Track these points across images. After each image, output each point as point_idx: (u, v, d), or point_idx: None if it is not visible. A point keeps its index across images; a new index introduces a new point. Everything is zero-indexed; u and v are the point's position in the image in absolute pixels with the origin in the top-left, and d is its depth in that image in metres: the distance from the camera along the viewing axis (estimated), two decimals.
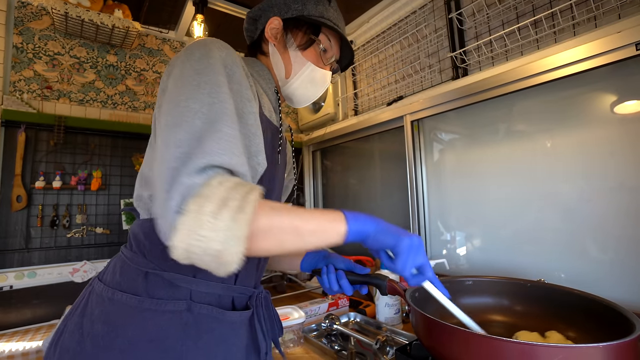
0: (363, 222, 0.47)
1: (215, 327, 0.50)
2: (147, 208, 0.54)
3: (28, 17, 1.40)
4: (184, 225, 0.36)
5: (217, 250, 0.36)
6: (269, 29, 0.64)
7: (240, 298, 0.56)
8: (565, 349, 0.42)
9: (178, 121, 0.42)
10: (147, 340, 0.46)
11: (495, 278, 0.74)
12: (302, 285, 1.53)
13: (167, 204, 0.37)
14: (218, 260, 0.37)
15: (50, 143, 1.37)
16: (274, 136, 0.60)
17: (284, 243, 0.43)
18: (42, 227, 1.34)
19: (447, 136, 1.32)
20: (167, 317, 0.48)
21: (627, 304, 0.80)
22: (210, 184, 0.38)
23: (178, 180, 0.38)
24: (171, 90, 0.46)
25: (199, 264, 0.38)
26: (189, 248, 0.36)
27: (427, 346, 0.57)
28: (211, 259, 0.37)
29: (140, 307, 0.47)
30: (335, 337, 1.01)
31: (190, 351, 0.48)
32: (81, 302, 0.52)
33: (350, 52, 0.72)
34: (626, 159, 0.86)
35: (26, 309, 1.28)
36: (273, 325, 0.61)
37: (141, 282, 0.49)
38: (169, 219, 0.37)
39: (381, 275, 0.65)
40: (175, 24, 1.67)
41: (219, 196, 0.37)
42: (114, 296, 0.49)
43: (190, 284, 0.50)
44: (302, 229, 0.43)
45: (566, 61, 0.89)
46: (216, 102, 0.43)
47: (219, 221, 0.36)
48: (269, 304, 0.62)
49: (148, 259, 0.51)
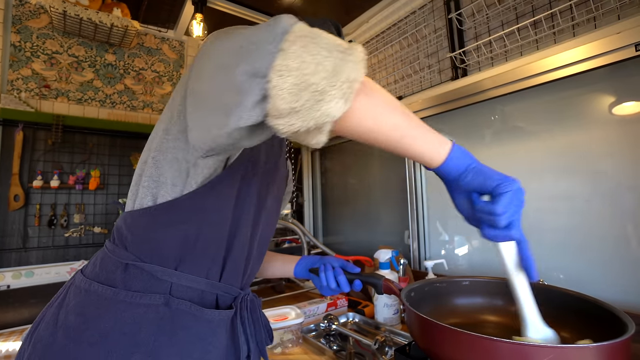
0: (467, 153, 0.43)
1: (192, 325, 0.49)
2: (132, 198, 0.52)
3: (26, 16, 1.39)
4: (294, 45, 0.31)
5: (330, 71, 0.31)
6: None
7: (225, 297, 0.55)
8: (556, 349, 0.42)
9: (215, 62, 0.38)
10: (119, 332, 0.45)
11: (492, 278, 0.74)
12: (300, 286, 1.53)
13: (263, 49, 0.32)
14: (318, 99, 0.31)
15: (48, 142, 1.37)
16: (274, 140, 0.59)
17: (386, 122, 0.37)
18: (39, 226, 1.34)
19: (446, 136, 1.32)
20: (142, 310, 0.47)
21: (628, 305, 0.80)
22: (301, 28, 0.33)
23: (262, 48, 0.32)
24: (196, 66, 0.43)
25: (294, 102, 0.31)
26: (299, 67, 0.30)
27: (421, 346, 0.57)
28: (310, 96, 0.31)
29: (115, 298, 0.47)
30: (333, 338, 1.01)
31: (163, 347, 0.47)
32: (61, 294, 0.51)
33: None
34: (624, 160, 0.86)
35: (24, 309, 1.28)
36: (260, 330, 0.59)
37: (120, 273, 0.49)
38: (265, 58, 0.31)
39: (377, 275, 0.65)
40: (174, 23, 1.67)
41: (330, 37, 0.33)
42: (90, 287, 0.48)
43: (171, 276, 0.49)
44: (408, 119, 0.38)
45: (566, 62, 0.89)
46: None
47: (334, 52, 0.31)
48: (255, 308, 0.60)
49: (129, 251, 0.50)
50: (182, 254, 0.50)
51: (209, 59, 0.41)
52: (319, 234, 1.99)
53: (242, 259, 0.58)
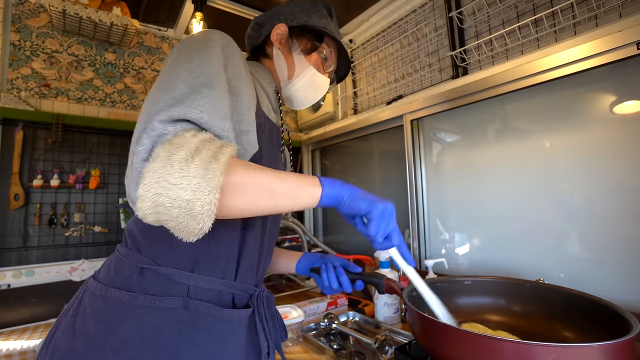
0: (339, 187, 0.48)
1: (212, 326, 0.49)
2: None
3: (25, 15, 1.39)
4: (153, 172, 0.34)
5: (187, 200, 0.34)
6: (275, 33, 0.66)
7: (241, 296, 0.55)
8: (560, 348, 0.42)
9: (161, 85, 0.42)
10: (140, 338, 0.45)
11: (493, 278, 0.74)
12: (301, 285, 1.53)
13: (135, 152, 0.37)
14: (188, 212, 0.35)
15: (48, 141, 1.37)
16: (272, 133, 0.60)
17: (257, 202, 0.42)
18: (40, 225, 1.34)
19: (447, 135, 1.32)
20: (161, 314, 0.46)
21: (627, 304, 0.80)
22: (183, 135, 0.37)
23: (149, 127, 0.37)
24: (165, 67, 0.47)
25: (167, 221, 0.36)
26: (157, 199, 0.34)
27: (423, 345, 0.57)
28: (180, 212, 0.35)
29: (134, 303, 0.46)
30: (334, 336, 1.01)
31: (185, 350, 0.47)
32: (75, 301, 0.51)
33: (347, 64, 0.77)
34: (626, 159, 0.86)
35: (24, 308, 1.28)
36: (275, 327, 0.60)
37: (136, 278, 0.48)
38: (136, 167, 0.36)
39: (378, 274, 0.65)
40: (174, 21, 1.66)
41: (192, 146, 0.36)
42: (107, 293, 0.47)
43: (188, 279, 0.49)
44: (276, 189, 0.43)
45: (567, 60, 0.88)
46: (205, 71, 0.44)
47: (191, 168, 0.35)
48: (271, 305, 0.61)
49: (143, 255, 0.50)
50: (197, 256, 0.50)
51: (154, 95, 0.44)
52: (319, 233, 1.99)
53: (255, 256, 0.58)
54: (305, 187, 0.45)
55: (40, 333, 1.16)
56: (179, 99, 0.40)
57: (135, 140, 0.39)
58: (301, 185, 0.45)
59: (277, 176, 0.43)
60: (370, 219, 0.48)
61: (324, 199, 0.46)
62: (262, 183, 0.42)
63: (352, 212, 0.48)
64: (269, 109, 0.62)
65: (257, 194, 0.42)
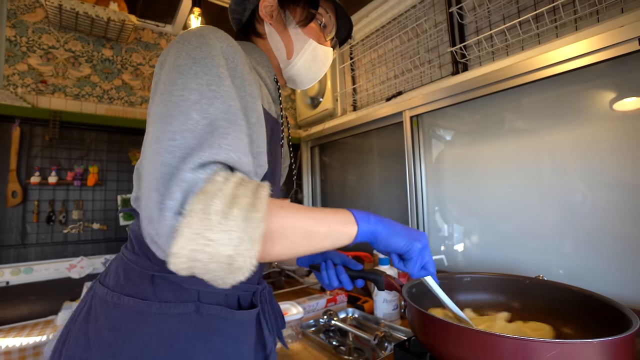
0: (374, 224, 0.47)
1: (225, 327, 0.50)
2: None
3: (21, 10, 1.38)
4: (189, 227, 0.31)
5: (227, 256, 0.32)
6: (263, 6, 0.60)
7: (245, 295, 0.55)
8: (560, 344, 0.42)
9: (172, 112, 0.37)
10: (157, 344, 0.45)
11: (493, 274, 0.74)
12: (300, 281, 1.53)
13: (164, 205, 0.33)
14: (228, 267, 0.32)
15: (46, 138, 1.36)
16: (274, 130, 0.58)
17: (296, 246, 0.41)
18: (38, 222, 1.33)
19: (447, 132, 1.32)
20: (176, 320, 0.47)
21: (626, 300, 0.80)
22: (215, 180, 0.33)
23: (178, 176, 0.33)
24: (164, 80, 0.41)
25: (202, 274, 0.33)
26: (195, 255, 0.31)
27: (422, 341, 0.57)
28: (219, 267, 0.32)
29: (148, 311, 0.46)
30: (333, 333, 1.01)
31: (200, 353, 0.47)
32: (84, 307, 0.50)
33: (348, 23, 0.68)
34: (625, 156, 0.86)
35: (23, 305, 1.28)
36: (276, 318, 0.61)
37: (147, 285, 0.48)
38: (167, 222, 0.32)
39: (378, 271, 0.65)
40: (172, 17, 1.65)
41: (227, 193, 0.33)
42: (120, 301, 0.47)
43: (198, 285, 0.49)
44: (314, 232, 0.42)
45: (567, 56, 0.88)
46: (217, 96, 0.40)
47: (230, 221, 0.31)
48: (271, 298, 0.62)
49: (153, 262, 0.49)
50: None
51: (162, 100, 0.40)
52: None
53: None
54: (341, 226, 0.45)
55: (40, 330, 1.16)
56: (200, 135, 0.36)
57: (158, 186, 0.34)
58: (337, 225, 0.44)
59: (313, 218, 0.42)
60: (409, 258, 0.49)
61: (359, 237, 0.46)
62: (299, 227, 0.41)
63: (388, 249, 0.49)
64: (269, 103, 0.57)
65: (296, 239, 0.41)
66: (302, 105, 1.96)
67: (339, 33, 0.69)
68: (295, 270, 1.59)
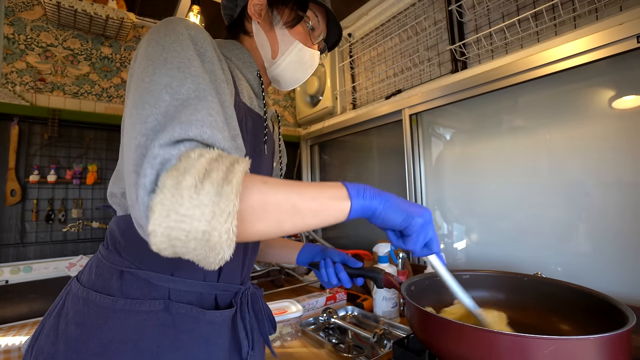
0: (370, 198, 0.43)
1: (195, 327, 0.48)
2: (121, 204, 0.52)
3: (19, 7, 1.37)
4: (161, 204, 0.30)
5: (202, 231, 0.31)
6: (252, 5, 0.60)
7: (224, 295, 0.54)
8: (557, 340, 0.42)
9: (145, 97, 0.37)
10: (120, 341, 0.44)
11: (492, 272, 0.74)
12: (299, 279, 1.53)
13: (138, 184, 0.32)
14: (206, 244, 0.32)
15: (45, 136, 1.36)
16: (256, 124, 0.57)
17: (282, 223, 0.37)
18: (37, 221, 1.33)
19: (446, 130, 1.32)
20: (142, 317, 0.46)
21: (624, 298, 0.81)
22: (189, 156, 0.33)
23: (149, 154, 0.33)
24: (137, 71, 0.42)
25: (185, 254, 0.33)
26: (170, 233, 0.31)
27: (421, 339, 0.57)
28: (198, 244, 0.32)
29: (113, 307, 0.46)
30: (332, 331, 1.01)
31: (167, 352, 0.46)
32: (59, 303, 0.50)
33: (337, 29, 0.68)
34: (624, 154, 0.86)
35: (22, 304, 1.28)
36: (263, 321, 0.59)
37: (115, 281, 0.47)
38: (142, 200, 0.32)
39: (377, 269, 0.65)
40: (171, 15, 1.64)
41: (200, 168, 0.32)
42: (89, 296, 0.47)
43: (167, 282, 0.48)
44: (302, 208, 0.38)
45: (566, 54, 0.88)
46: (187, 76, 0.39)
47: (202, 195, 0.31)
48: (257, 300, 0.60)
49: (124, 257, 0.49)
50: (177, 260, 0.48)
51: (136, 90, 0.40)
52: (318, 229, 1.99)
53: (239, 256, 0.57)
54: (333, 201, 0.40)
55: None
56: (172, 114, 0.36)
57: (134, 167, 0.34)
58: (328, 200, 0.40)
59: (300, 192, 0.38)
60: (408, 234, 0.45)
61: (353, 213, 0.42)
62: (285, 203, 0.37)
63: (386, 225, 0.45)
64: (250, 98, 0.57)
65: (281, 215, 0.37)
66: (302, 103, 1.96)
67: (329, 37, 0.69)
68: (295, 268, 1.60)
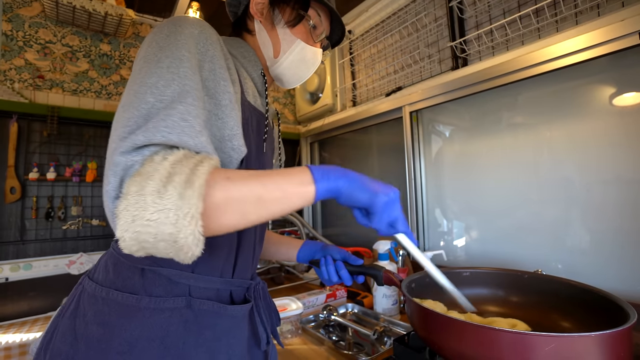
0: (334, 179, 0.43)
1: (217, 322, 0.49)
2: None
3: (17, 4, 1.36)
4: (126, 210, 0.31)
5: (169, 233, 0.32)
6: (254, 4, 0.60)
7: (238, 291, 0.55)
8: (557, 338, 0.42)
9: (131, 99, 0.38)
10: (146, 339, 0.45)
11: (492, 269, 0.74)
12: (299, 277, 1.53)
13: (105, 191, 0.33)
14: (174, 244, 0.33)
15: (44, 134, 1.35)
16: (259, 123, 0.58)
17: (247, 215, 0.39)
18: (37, 219, 1.33)
19: (446, 127, 1.31)
20: (166, 314, 0.46)
21: (625, 294, 0.81)
22: (152, 160, 0.33)
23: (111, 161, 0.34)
24: (132, 72, 0.42)
25: (156, 253, 0.34)
26: (138, 237, 0.32)
27: (422, 336, 0.57)
28: (167, 244, 0.33)
29: (137, 306, 0.46)
30: (333, 328, 1.01)
31: (192, 348, 0.47)
32: (72, 302, 0.50)
33: (341, 27, 0.68)
34: (624, 151, 0.86)
35: (22, 301, 1.28)
36: (271, 315, 0.61)
37: (138, 279, 0.47)
38: (108, 207, 0.33)
39: (377, 266, 0.65)
40: (171, 12, 1.63)
41: (163, 172, 0.33)
42: (109, 295, 0.46)
43: (188, 279, 0.49)
44: (265, 197, 0.39)
45: (568, 50, 0.87)
46: (175, 77, 0.39)
47: (166, 200, 0.32)
48: (266, 295, 0.62)
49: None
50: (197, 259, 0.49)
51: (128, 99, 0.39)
52: (318, 226, 1.99)
53: (251, 251, 0.58)
54: (296, 187, 0.41)
55: (40, 326, 1.17)
56: (146, 117, 0.36)
57: (105, 174, 0.35)
58: (292, 187, 0.41)
59: (263, 183, 0.39)
60: (373, 212, 0.46)
61: (318, 196, 0.43)
62: (248, 195, 0.38)
63: (352, 204, 0.46)
64: (255, 97, 0.58)
65: (246, 208, 0.38)
66: (302, 100, 1.96)
67: (332, 34, 0.68)
68: (295, 265, 1.60)
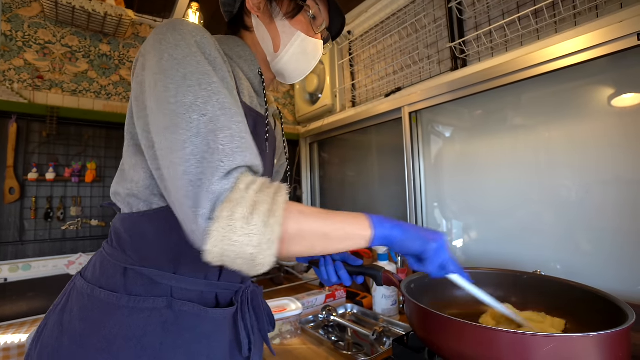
0: (389, 229, 0.48)
1: (198, 325, 0.50)
2: (126, 203, 0.52)
3: (17, 4, 1.36)
4: (217, 231, 0.36)
5: (250, 254, 0.37)
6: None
7: (225, 294, 0.55)
8: (557, 338, 0.42)
9: (174, 120, 0.40)
10: (123, 338, 0.45)
11: (491, 270, 0.74)
12: (299, 277, 1.53)
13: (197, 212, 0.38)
14: (251, 263, 0.38)
15: (43, 134, 1.35)
16: (257, 123, 0.57)
17: (314, 247, 0.44)
18: (36, 219, 1.33)
19: (445, 128, 1.32)
20: (145, 314, 0.47)
21: (624, 295, 0.81)
22: (238, 188, 0.38)
23: (206, 188, 0.38)
24: (152, 85, 0.43)
25: (231, 266, 0.39)
26: (223, 252, 0.37)
27: (421, 337, 0.57)
28: (244, 262, 0.38)
29: (117, 304, 0.47)
30: (332, 329, 1.01)
31: (169, 349, 0.47)
32: (63, 298, 0.51)
33: (341, 18, 0.66)
34: (623, 152, 0.86)
35: (21, 302, 1.28)
36: (262, 319, 0.60)
37: (119, 278, 0.48)
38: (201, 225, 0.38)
39: (377, 266, 0.65)
40: (170, 12, 1.63)
41: (249, 200, 0.38)
42: (93, 293, 0.48)
43: (170, 280, 0.49)
44: (331, 235, 0.44)
45: (567, 51, 0.88)
46: (211, 94, 0.41)
47: (252, 226, 0.37)
48: (257, 298, 0.60)
49: (128, 255, 0.50)
50: (180, 258, 0.50)
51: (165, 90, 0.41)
52: None
53: None
54: (357, 231, 0.46)
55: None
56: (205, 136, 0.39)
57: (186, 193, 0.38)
58: (354, 229, 0.46)
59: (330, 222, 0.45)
60: (425, 258, 0.50)
61: (375, 241, 0.47)
62: (317, 231, 0.43)
63: (405, 252, 0.50)
64: (251, 97, 0.57)
65: (314, 241, 0.43)
66: (301, 101, 1.96)
67: (332, 25, 0.66)
68: (295, 266, 1.60)
